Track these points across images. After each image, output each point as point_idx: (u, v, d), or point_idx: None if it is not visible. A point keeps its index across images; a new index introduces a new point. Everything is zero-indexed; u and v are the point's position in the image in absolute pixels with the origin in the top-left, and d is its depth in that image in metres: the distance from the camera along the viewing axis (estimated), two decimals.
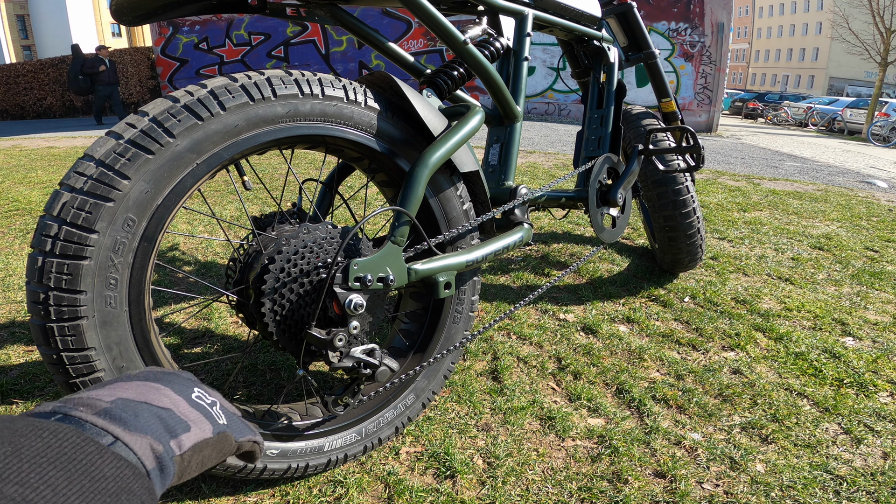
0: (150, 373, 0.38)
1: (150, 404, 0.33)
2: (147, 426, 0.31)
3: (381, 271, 0.83)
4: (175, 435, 0.33)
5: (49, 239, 0.67)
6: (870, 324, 1.64)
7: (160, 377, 0.38)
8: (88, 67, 8.33)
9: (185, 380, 0.39)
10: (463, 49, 1.00)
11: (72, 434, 0.26)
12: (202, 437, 0.35)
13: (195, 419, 0.35)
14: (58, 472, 0.24)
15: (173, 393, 0.36)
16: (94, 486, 0.25)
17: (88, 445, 0.26)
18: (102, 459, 0.26)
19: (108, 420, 0.29)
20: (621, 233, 1.42)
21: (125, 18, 0.91)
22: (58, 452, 0.25)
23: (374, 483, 0.94)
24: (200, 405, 0.37)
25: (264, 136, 0.78)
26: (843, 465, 1.02)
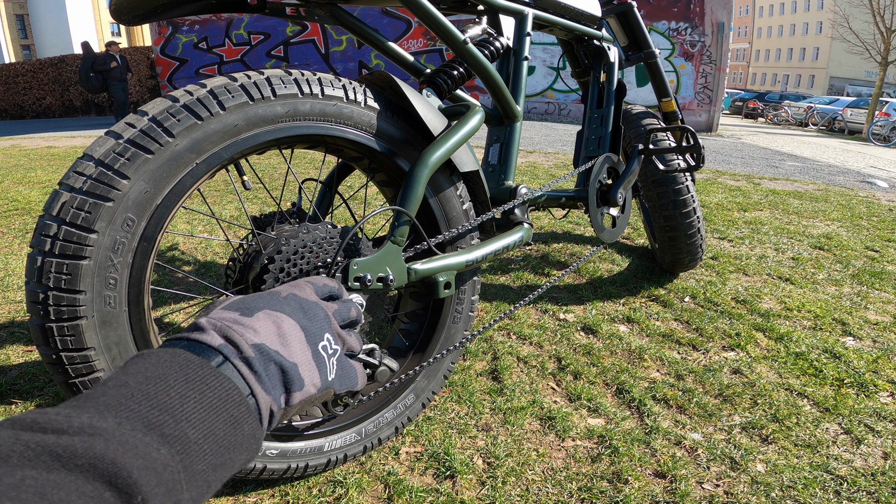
0: (294, 301, 0.42)
1: (280, 355, 0.37)
2: (272, 383, 0.36)
3: (381, 271, 0.83)
4: (289, 392, 0.37)
5: (48, 239, 0.66)
6: (870, 324, 1.64)
7: (300, 310, 0.41)
8: (100, 64, 8.05)
9: (322, 319, 0.42)
10: (463, 48, 0.99)
11: (201, 364, 0.33)
12: (309, 393, 0.39)
13: (310, 377, 0.39)
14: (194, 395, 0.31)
15: (305, 341, 0.39)
16: (228, 422, 0.32)
17: (231, 394, 0.33)
18: (238, 406, 0.33)
19: (250, 371, 0.35)
20: (621, 233, 1.42)
21: (124, 18, 0.91)
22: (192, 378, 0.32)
23: (373, 483, 0.94)
24: (322, 358, 0.40)
25: (264, 136, 0.78)
26: (844, 465, 1.02)
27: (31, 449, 0.23)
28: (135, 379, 0.31)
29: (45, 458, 0.23)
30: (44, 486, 0.22)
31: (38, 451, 0.23)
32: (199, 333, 0.36)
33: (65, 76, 12.01)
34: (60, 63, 12.07)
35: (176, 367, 0.32)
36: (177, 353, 0.33)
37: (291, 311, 0.40)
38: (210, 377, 0.32)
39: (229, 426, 0.32)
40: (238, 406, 0.33)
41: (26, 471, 0.23)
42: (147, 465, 0.26)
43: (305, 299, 0.43)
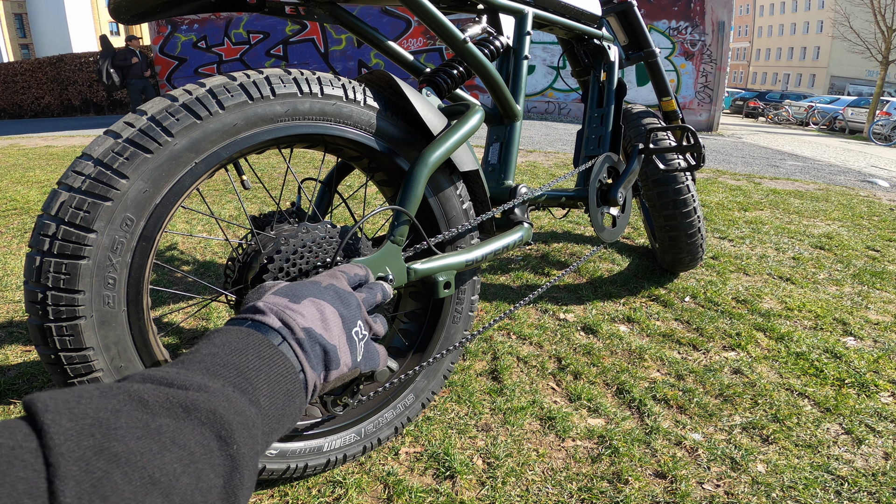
0: (332, 290, 0.48)
1: (324, 338, 0.43)
2: (316, 361, 0.42)
3: (381, 271, 0.83)
4: (328, 370, 0.43)
5: (47, 238, 0.66)
6: (871, 324, 1.64)
7: (338, 298, 0.47)
8: (120, 60, 7.52)
9: (356, 307, 0.48)
10: (462, 48, 0.99)
11: (270, 345, 0.39)
12: (342, 372, 0.45)
13: (345, 358, 0.45)
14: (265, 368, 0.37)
15: (342, 326, 0.45)
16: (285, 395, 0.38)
17: (289, 370, 0.39)
18: (293, 382, 0.39)
19: (302, 351, 0.41)
20: (622, 232, 1.42)
21: (123, 17, 0.91)
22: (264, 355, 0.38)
23: (373, 483, 0.93)
24: (354, 342, 0.46)
25: (263, 136, 0.77)
26: (845, 465, 1.01)
27: (168, 400, 0.29)
28: (222, 350, 0.36)
29: (176, 409, 0.29)
30: (174, 431, 0.28)
31: (173, 402, 0.29)
32: (261, 315, 0.42)
33: (63, 75, 12.00)
34: (59, 62, 12.06)
35: (252, 345, 0.38)
36: (250, 332, 0.39)
37: (331, 300, 0.46)
38: (276, 356, 0.39)
39: (286, 398, 0.37)
40: (294, 382, 0.39)
41: (163, 418, 0.28)
42: (242, 420, 0.31)
43: (342, 289, 0.49)
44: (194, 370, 0.33)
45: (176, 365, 0.34)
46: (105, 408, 0.27)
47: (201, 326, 1.46)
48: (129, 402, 0.28)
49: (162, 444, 0.27)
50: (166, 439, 0.27)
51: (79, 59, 11.99)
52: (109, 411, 0.26)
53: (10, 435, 0.23)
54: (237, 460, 0.30)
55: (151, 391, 0.29)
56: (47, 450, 0.23)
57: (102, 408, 0.26)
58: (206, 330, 1.44)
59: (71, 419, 0.25)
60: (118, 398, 0.28)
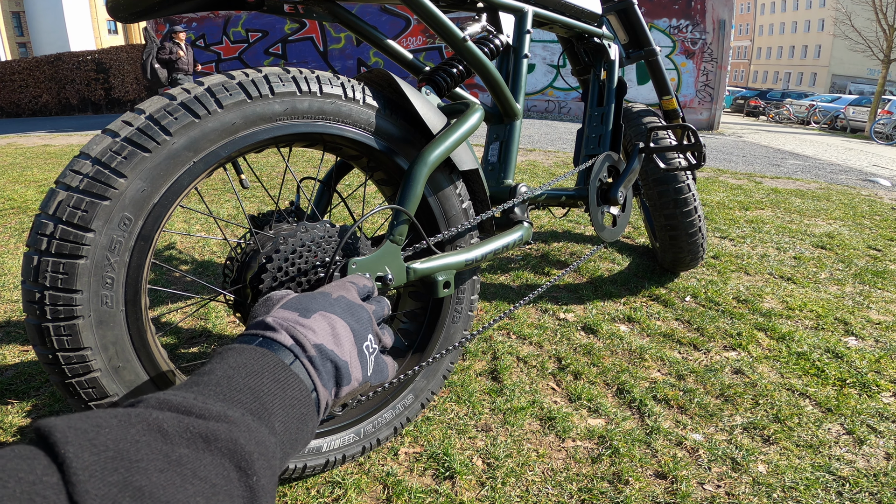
0: (343, 302, 0.47)
1: (336, 354, 0.42)
2: (327, 378, 0.41)
3: (380, 270, 0.82)
4: (339, 386, 0.43)
5: (45, 238, 0.66)
6: (873, 323, 1.63)
7: (349, 312, 0.46)
8: (165, 53, 6.91)
9: (367, 321, 0.48)
10: (462, 46, 0.99)
11: (285, 367, 0.39)
12: (353, 387, 0.44)
13: (356, 373, 0.44)
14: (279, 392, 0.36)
15: (353, 341, 0.45)
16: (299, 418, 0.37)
17: (303, 392, 0.38)
18: (307, 404, 0.38)
19: (312, 367, 0.40)
20: (622, 232, 1.42)
21: (121, 15, 0.90)
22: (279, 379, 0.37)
23: (372, 484, 0.93)
24: (364, 356, 0.46)
25: (262, 134, 0.77)
26: (846, 465, 1.01)
27: (188, 430, 0.28)
28: (238, 373, 0.36)
29: (197, 440, 0.28)
30: (195, 463, 0.27)
31: (193, 432, 0.28)
32: (272, 332, 0.41)
33: (61, 74, 11.98)
34: (57, 61, 12.04)
35: (268, 368, 0.37)
36: (265, 353, 0.39)
37: (342, 313, 0.46)
38: (290, 379, 0.38)
39: (300, 422, 0.37)
40: (308, 406, 0.38)
41: (183, 449, 0.28)
42: (262, 451, 0.31)
43: (353, 302, 0.48)
44: (211, 395, 0.33)
45: (191, 388, 0.34)
46: (125, 438, 0.26)
47: (200, 326, 1.46)
48: (149, 432, 0.27)
49: (183, 477, 0.26)
50: (187, 471, 0.27)
51: (77, 58, 11.97)
52: (130, 442, 0.26)
53: (30, 468, 0.22)
54: (256, 491, 0.30)
55: (171, 420, 0.28)
56: (71, 486, 0.22)
57: (122, 438, 0.26)
58: (204, 330, 1.44)
59: (93, 452, 0.24)
60: (137, 427, 0.27)
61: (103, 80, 11.86)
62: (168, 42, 6.78)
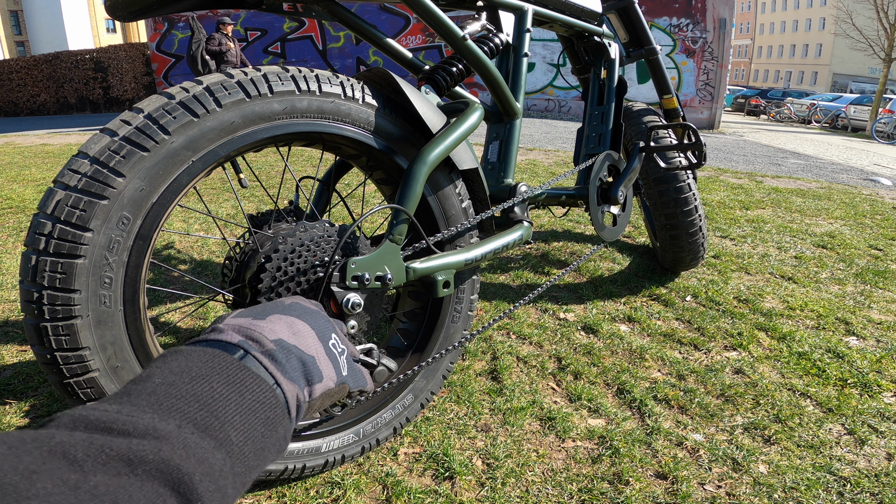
0: (299, 307, 0.44)
1: (299, 349, 0.38)
2: (295, 374, 0.37)
3: (379, 270, 0.82)
4: (311, 384, 0.38)
5: (43, 237, 0.66)
6: (874, 323, 1.63)
7: (306, 315, 0.43)
8: (215, 45, 6.42)
9: (326, 322, 0.44)
10: (462, 45, 0.98)
11: (240, 367, 0.34)
12: (328, 387, 0.40)
13: (327, 371, 0.40)
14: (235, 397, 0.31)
15: (317, 337, 0.41)
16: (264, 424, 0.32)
17: (265, 394, 0.33)
18: (272, 407, 0.33)
19: (272, 362, 0.36)
20: (622, 231, 1.41)
21: (120, 14, 0.90)
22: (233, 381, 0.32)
23: (372, 484, 0.93)
24: (333, 355, 0.42)
25: (261, 133, 0.77)
26: (847, 466, 1.01)
27: (104, 453, 0.23)
28: (181, 378, 0.30)
29: (116, 464, 0.23)
30: (116, 492, 0.22)
31: (111, 455, 0.23)
32: (217, 334, 0.37)
33: (59, 73, 11.95)
34: (55, 60, 12.01)
35: (218, 368, 0.32)
36: (216, 353, 0.34)
37: (298, 314, 0.42)
38: (248, 380, 0.33)
39: (266, 428, 0.32)
40: (273, 408, 0.33)
41: (99, 476, 0.22)
42: (206, 470, 0.26)
43: (308, 307, 0.45)
44: (143, 407, 0.27)
45: (119, 399, 0.28)
46: (15, 469, 0.21)
47: (198, 326, 1.46)
48: (51, 459, 0.22)
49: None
50: (102, 502, 0.21)
51: (75, 57, 11.94)
52: (22, 475, 0.20)
53: None
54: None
55: (82, 442, 0.23)
56: None
57: (11, 469, 0.20)
58: (202, 330, 1.44)
59: None
60: (34, 455, 0.22)
61: (101, 78, 11.84)
62: (217, 33, 6.35)
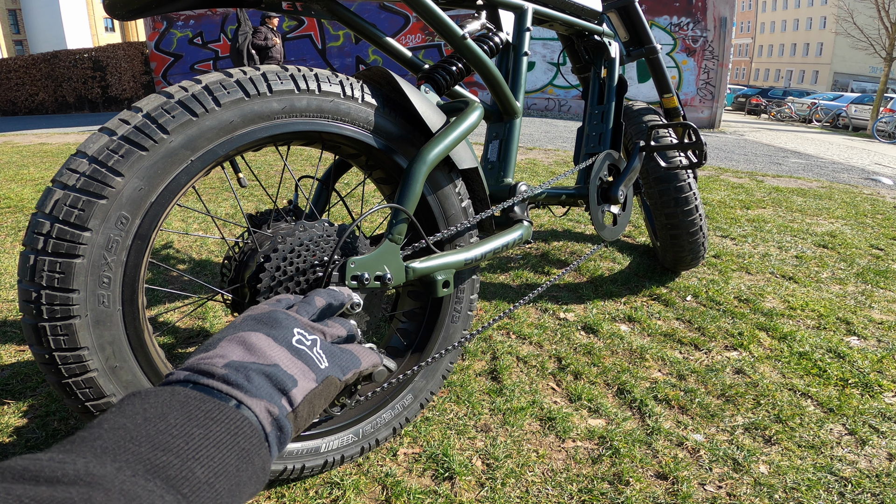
0: (251, 320, 0.40)
1: (256, 363, 0.35)
2: (260, 389, 0.34)
3: (379, 269, 0.82)
4: (285, 391, 0.35)
5: (41, 237, 0.65)
6: (875, 323, 1.62)
7: (261, 323, 0.40)
8: (261, 39, 6.15)
9: (285, 319, 0.40)
10: (461, 44, 0.98)
11: (203, 399, 0.31)
12: (309, 388, 0.37)
13: (299, 371, 0.37)
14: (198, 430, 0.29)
15: (275, 343, 0.38)
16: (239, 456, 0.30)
17: (216, 408, 0.31)
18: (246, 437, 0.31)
19: (229, 385, 0.33)
20: (622, 231, 1.41)
21: (118, 13, 0.90)
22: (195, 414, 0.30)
23: (371, 485, 0.93)
24: (301, 351, 0.39)
25: (260, 133, 0.77)
26: (848, 466, 1.00)
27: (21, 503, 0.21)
28: (133, 420, 0.28)
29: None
30: None
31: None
32: (168, 377, 0.34)
33: (58, 72, 11.91)
34: (53, 59, 11.96)
35: (176, 405, 0.30)
36: (175, 390, 0.31)
37: (250, 327, 0.39)
38: (214, 410, 0.30)
39: (241, 460, 0.30)
40: (248, 438, 0.31)
41: None
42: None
43: (261, 313, 0.41)
44: (84, 452, 0.25)
45: (61, 447, 0.26)
46: None
47: (197, 326, 1.46)
48: None
49: None
50: None
51: (73, 56, 11.91)
52: None
53: None
54: None
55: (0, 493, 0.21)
56: None
57: None
58: (202, 329, 1.44)
59: None
60: None
61: (100, 77, 11.81)
62: (263, 27, 6.13)
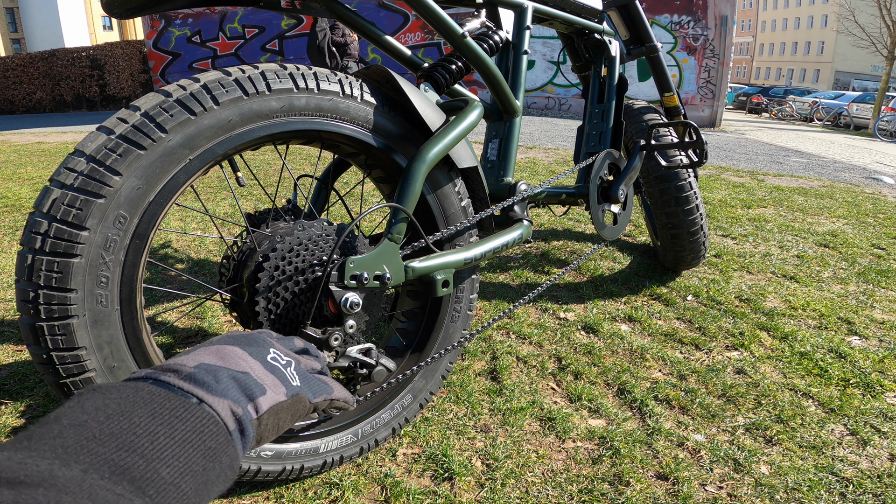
0: (229, 337, 0.41)
1: (227, 368, 0.35)
2: (227, 390, 0.33)
3: (378, 269, 0.81)
4: (252, 398, 0.35)
5: (39, 236, 0.65)
6: (876, 323, 1.62)
7: (238, 339, 0.40)
8: (340, 36, 5.90)
9: (263, 340, 0.41)
10: (461, 42, 0.98)
11: (167, 396, 0.30)
12: (277, 400, 0.37)
13: (270, 383, 0.37)
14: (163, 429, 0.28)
15: (249, 356, 0.38)
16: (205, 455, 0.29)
17: (181, 406, 0.30)
18: (212, 435, 0.30)
19: (192, 384, 0.32)
20: (623, 230, 1.40)
21: (116, 11, 0.89)
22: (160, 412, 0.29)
23: (370, 485, 0.92)
24: (275, 367, 0.39)
25: (258, 132, 0.76)
26: (849, 466, 1.00)
27: None
28: (94, 417, 0.27)
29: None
30: None
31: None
32: (134, 374, 0.33)
33: (55, 71, 11.87)
34: (51, 57, 11.91)
35: (140, 403, 0.29)
36: (139, 386, 0.30)
37: (226, 342, 0.39)
38: (180, 408, 0.30)
39: (207, 459, 0.29)
40: (213, 436, 0.30)
41: None
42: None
43: (240, 332, 0.42)
44: (45, 451, 0.24)
45: (19, 444, 0.24)
46: None
47: (196, 326, 1.45)
48: None
49: None
50: None
51: (71, 54, 11.87)
52: None
53: None
54: None
55: None
56: None
57: None
58: (200, 329, 1.44)
59: None
60: None
61: (98, 76, 11.78)
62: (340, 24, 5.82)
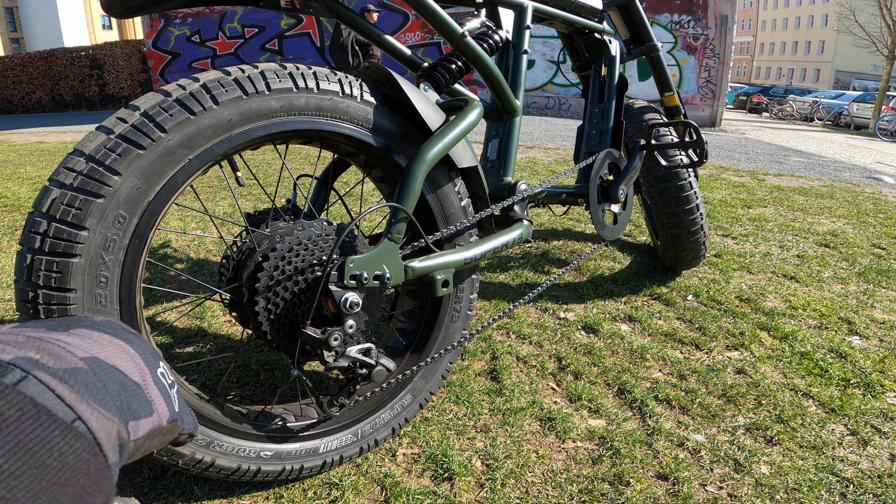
0: (118, 327, 0.35)
1: (121, 372, 0.30)
2: (110, 404, 0.28)
3: (378, 269, 0.81)
4: (136, 418, 0.30)
5: (38, 236, 0.65)
6: (877, 323, 1.62)
7: (130, 339, 0.34)
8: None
9: (152, 350, 0.36)
10: (461, 42, 0.97)
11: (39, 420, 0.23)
12: (158, 424, 0.32)
13: (157, 403, 0.33)
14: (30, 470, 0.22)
15: (143, 363, 0.33)
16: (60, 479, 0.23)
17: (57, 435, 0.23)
18: (70, 449, 0.24)
19: (76, 391, 0.26)
20: (623, 230, 1.40)
21: (116, 10, 0.89)
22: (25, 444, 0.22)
23: (370, 485, 0.92)
24: (163, 385, 0.34)
25: (258, 131, 0.76)
26: (850, 466, 1.00)
27: None
28: None
29: None
30: None
31: None
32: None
33: (55, 70, 11.85)
34: (50, 57, 11.89)
35: (4, 427, 0.22)
36: (4, 393, 0.23)
37: (115, 333, 0.33)
38: (54, 437, 0.23)
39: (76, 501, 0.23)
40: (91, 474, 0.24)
41: None
42: None
43: (127, 327, 0.36)
44: None
45: None
46: None
47: (195, 325, 1.45)
48: None
49: None
50: None
51: (70, 54, 11.86)
52: None
53: None
54: None
55: None
56: None
57: None
58: (200, 329, 1.43)
59: None
60: None
61: (97, 76, 11.77)
62: None
